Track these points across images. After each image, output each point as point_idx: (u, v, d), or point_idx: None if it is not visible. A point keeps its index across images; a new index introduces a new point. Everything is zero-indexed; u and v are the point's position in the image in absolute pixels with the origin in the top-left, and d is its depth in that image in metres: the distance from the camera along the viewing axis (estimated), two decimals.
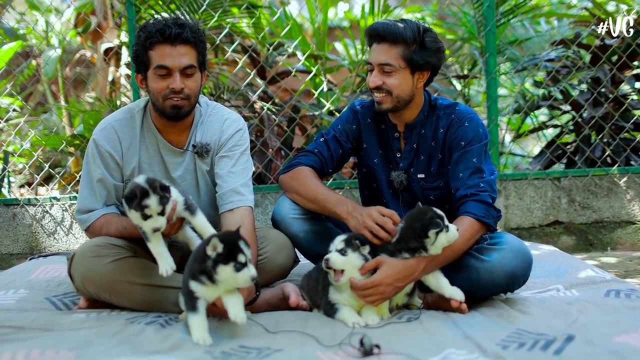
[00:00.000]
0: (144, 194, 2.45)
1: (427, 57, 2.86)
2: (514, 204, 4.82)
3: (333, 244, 2.56)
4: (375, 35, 2.86)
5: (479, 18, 4.97)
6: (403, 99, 2.87)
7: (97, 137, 2.92)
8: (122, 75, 7.26)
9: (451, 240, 2.56)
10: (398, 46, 2.82)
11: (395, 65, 2.82)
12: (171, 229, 2.66)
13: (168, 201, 2.51)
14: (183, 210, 2.63)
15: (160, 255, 2.56)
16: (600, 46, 5.10)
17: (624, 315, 2.41)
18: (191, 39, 2.78)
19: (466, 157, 2.84)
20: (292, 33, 5.26)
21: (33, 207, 4.64)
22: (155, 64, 2.77)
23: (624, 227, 4.83)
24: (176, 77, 2.76)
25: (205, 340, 2.28)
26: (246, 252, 2.28)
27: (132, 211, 2.49)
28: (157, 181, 2.51)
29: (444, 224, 2.53)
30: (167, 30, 2.73)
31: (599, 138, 5.03)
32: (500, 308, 2.64)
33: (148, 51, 2.78)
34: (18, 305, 2.83)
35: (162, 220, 2.50)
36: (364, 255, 2.53)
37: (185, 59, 2.77)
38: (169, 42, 2.75)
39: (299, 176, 2.96)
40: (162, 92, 2.78)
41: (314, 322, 2.52)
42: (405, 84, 2.85)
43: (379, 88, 2.84)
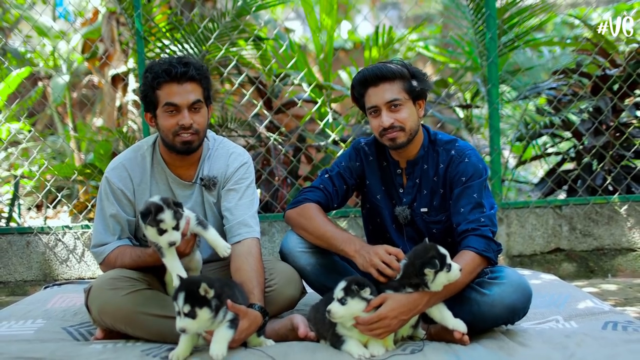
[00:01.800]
0: (159, 209, 2.61)
1: (422, 85, 2.98)
2: (515, 231, 4.91)
3: (335, 291, 2.62)
4: (372, 79, 2.95)
5: (481, 49, 5.09)
6: (414, 130, 2.98)
7: (109, 176, 3.04)
8: (129, 102, 7.40)
9: (452, 279, 2.64)
10: (396, 82, 2.93)
11: (401, 98, 2.92)
12: (186, 246, 2.80)
13: (182, 216, 2.66)
14: (196, 226, 2.78)
15: (174, 269, 2.70)
16: (601, 76, 5.21)
17: (620, 349, 2.49)
18: (196, 76, 2.90)
19: (467, 193, 2.93)
20: (297, 64, 5.39)
21: (46, 235, 4.76)
22: (164, 102, 2.89)
23: (625, 254, 4.92)
24: (184, 114, 2.88)
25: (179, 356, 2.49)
26: (180, 304, 2.40)
27: (148, 227, 2.64)
28: (170, 198, 2.67)
29: (445, 264, 2.61)
30: (172, 69, 2.85)
31: (599, 167, 5.13)
32: (500, 340, 2.72)
33: (156, 90, 2.90)
34: (37, 336, 2.94)
35: (177, 234, 2.64)
36: (365, 298, 2.60)
37: (192, 96, 2.89)
38: (176, 81, 2.87)
39: (306, 213, 3.06)
40: (171, 128, 2.90)
41: (321, 353, 2.61)
42: (412, 115, 2.96)
43: (392, 126, 2.93)
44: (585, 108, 5.28)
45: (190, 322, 2.40)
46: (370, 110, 2.99)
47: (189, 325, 2.41)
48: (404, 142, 2.97)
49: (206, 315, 2.41)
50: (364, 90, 3.00)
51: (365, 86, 2.99)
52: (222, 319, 2.45)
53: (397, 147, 2.99)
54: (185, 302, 2.39)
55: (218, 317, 2.44)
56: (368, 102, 2.99)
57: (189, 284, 2.44)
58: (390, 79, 2.94)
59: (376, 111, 2.97)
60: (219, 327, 2.46)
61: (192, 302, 2.39)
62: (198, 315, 2.39)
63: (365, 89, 2.99)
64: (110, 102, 7.73)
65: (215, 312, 2.42)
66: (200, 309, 2.40)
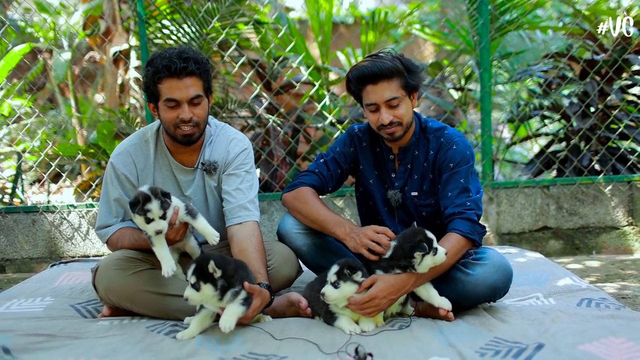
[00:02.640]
0: (146, 199, 2.77)
1: (417, 79, 3.11)
2: (505, 210, 5.09)
3: (328, 275, 2.80)
4: (370, 77, 3.04)
5: (474, 34, 5.21)
6: (409, 123, 3.12)
7: (114, 161, 3.20)
8: (130, 79, 7.51)
9: (437, 262, 2.80)
10: (394, 79, 3.03)
11: (399, 96, 3.04)
12: (176, 234, 2.97)
13: (169, 206, 2.82)
14: (185, 215, 2.93)
15: (163, 258, 2.87)
16: (588, 61, 5.36)
17: (591, 325, 2.67)
18: (196, 71, 3.00)
19: (454, 178, 3.09)
20: (296, 47, 5.51)
21: (51, 214, 4.92)
22: (165, 96, 3.00)
23: (609, 232, 5.11)
24: (184, 108, 3.00)
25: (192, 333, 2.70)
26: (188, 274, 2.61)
27: (136, 215, 2.81)
28: (158, 189, 2.83)
29: (431, 248, 2.77)
30: (172, 65, 2.94)
31: (586, 149, 5.29)
32: (482, 317, 2.91)
33: (157, 84, 3.00)
34: (46, 313, 3.11)
35: (163, 223, 2.81)
36: (356, 281, 2.77)
37: (192, 90, 3.00)
38: (175, 76, 2.97)
39: (301, 196, 3.22)
40: (172, 121, 3.03)
41: (315, 329, 2.79)
42: (409, 110, 3.10)
43: (391, 123, 3.05)
44: (574, 92, 5.42)
45: (193, 293, 2.59)
46: (369, 106, 3.09)
47: (191, 296, 2.60)
48: (401, 135, 3.12)
49: (209, 291, 2.59)
50: (362, 86, 3.09)
51: (363, 83, 3.08)
52: (231, 298, 2.61)
53: (394, 140, 3.14)
54: (192, 274, 2.59)
55: (226, 297, 2.61)
56: (367, 99, 3.09)
57: (202, 259, 2.63)
58: (388, 77, 3.03)
59: (376, 109, 3.08)
60: (231, 304, 2.63)
61: (198, 275, 2.59)
62: (202, 289, 2.58)
63: (363, 86, 3.09)
64: (112, 80, 7.83)
65: (222, 292, 2.59)
66: (205, 284, 2.58)
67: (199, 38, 5.05)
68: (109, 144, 5.26)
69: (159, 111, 3.08)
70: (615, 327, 2.59)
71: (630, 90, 5.55)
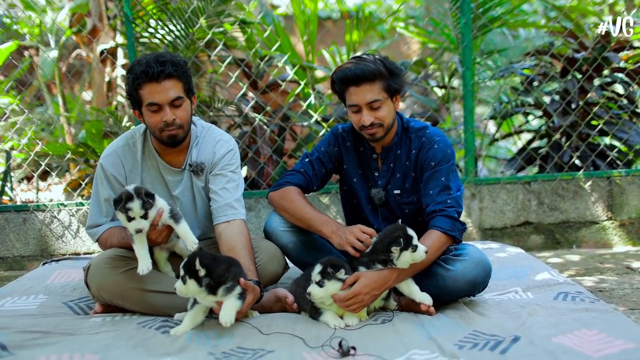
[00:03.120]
0: (129, 198, 2.88)
1: (400, 82, 3.19)
2: (487, 206, 5.21)
3: (312, 273, 2.89)
4: (353, 79, 3.12)
5: (457, 33, 5.32)
6: (391, 124, 3.21)
7: (103, 162, 3.28)
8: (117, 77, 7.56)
9: (417, 260, 2.90)
10: (376, 82, 3.11)
11: (381, 99, 3.12)
12: (158, 235, 3.06)
13: (151, 206, 2.92)
14: (168, 218, 3.03)
15: (141, 257, 2.98)
16: (569, 59, 5.48)
17: (566, 318, 2.78)
18: (174, 73, 3.06)
19: (435, 176, 3.18)
20: (282, 47, 5.60)
21: (42, 213, 4.99)
22: (146, 101, 3.07)
23: (588, 227, 5.23)
24: (166, 110, 3.07)
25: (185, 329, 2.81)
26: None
27: (118, 212, 2.92)
28: (143, 189, 2.93)
29: (409, 244, 2.87)
30: (149, 70, 3.01)
31: (566, 145, 5.42)
32: (462, 310, 3.02)
33: (138, 91, 3.07)
34: (40, 311, 3.19)
35: (144, 222, 2.92)
36: (340, 279, 2.87)
37: (172, 92, 3.06)
38: (154, 80, 3.03)
39: (287, 195, 3.31)
40: (157, 125, 3.11)
41: (301, 324, 2.89)
42: (390, 112, 3.18)
43: (372, 124, 3.14)
44: (555, 89, 5.54)
45: (180, 285, 2.72)
46: (352, 107, 3.18)
47: (179, 288, 2.73)
48: (382, 136, 3.20)
49: (193, 287, 2.70)
50: (345, 87, 3.17)
51: (346, 84, 3.16)
52: (224, 293, 2.71)
53: (375, 140, 3.23)
54: (182, 267, 2.71)
55: (220, 292, 2.70)
56: (349, 100, 3.18)
57: (194, 255, 2.72)
58: (371, 79, 3.11)
59: (357, 110, 3.17)
60: (228, 298, 2.73)
61: (186, 270, 2.70)
62: (187, 283, 2.70)
63: (346, 87, 3.17)
64: (99, 78, 7.87)
65: (208, 289, 2.69)
66: (190, 279, 2.69)
67: (185, 37, 5.12)
68: (98, 143, 5.32)
69: (144, 116, 3.15)
70: (588, 320, 2.71)
71: (609, 87, 5.67)
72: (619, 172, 5.25)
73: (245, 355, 2.53)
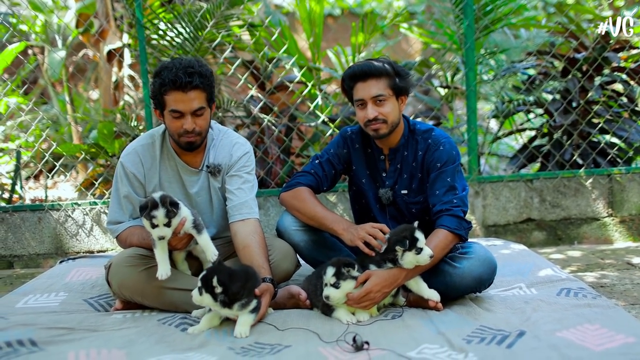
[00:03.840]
0: (154, 206, 2.99)
1: (406, 83, 3.34)
2: (491, 203, 5.33)
3: (325, 276, 3.01)
4: (360, 75, 3.29)
5: (459, 35, 5.43)
6: (395, 122, 3.33)
7: (123, 161, 3.40)
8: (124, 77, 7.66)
9: (421, 262, 3.01)
10: (382, 79, 3.28)
11: (385, 94, 3.27)
12: (178, 242, 3.19)
13: (174, 215, 3.03)
14: (191, 228, 3.15)
15: (160, 262, 3.11)
16: (570, 59, 5.59)
17: (569, 313, 2.90)
18: (200, 85, 3.17)
19: (442, 177, 3.30)
20: (289, 49, 5.71)
21: (56, 212, 5.11)
22: (170, 107, 3.19)
23: (589, 223, 5.35)
24: (188, 119, 3.19)
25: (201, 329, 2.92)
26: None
27: (143, 219, 3.04)
28: (169, 197, 3.04)
29: (413, 246, 2.97)
30: (178, 80, 3.11)
31: (568, 143, 5.53)
32: (469, 306, 3.14)
33: (163, 95, 3.19)
34: (62, 308, 3.32)
35: (166, 230, 3.03)
36: (353, 277, 3.00)
37: (196, 103, 3.18)
38: (181, 89, 3.14)
39: (298, 196, 3.44)
40: (177, 130, 3.23)
41: (315, 320, 3.02)
42: (395, 109, 3.31)
43: (375, 119, 3.27)
44: (556, 88, 5.65)
45: (197, 295, 2.84)
46: (358, 102, 3.33)
47: (195, 297, 2.85)
48: (386, 133, 3.33)
49: (209, 300, 2.83)
50: (353, 84, 3.34)
51: (354, 80, 3.33)
52: (239, 308, 2.84)
53: (379, 137, 3.35)
54: (200, 279, 2.83)
55: (235, 307, 2.83)
56: (356, 95, 3.33)
57: (212, 270, 2.84)
58: (377, 76, 3.28)
59: (363, 104, 3.31)
60: (242, 313, 2.86)
61: (203, 283, 2.82)
62: (203, 295, 2.82)
63: (354, 83, 3.33)
64: (106, 78, 7.97)
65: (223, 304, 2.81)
66: (206, 293, 2.82)
67: (194, 40, 5.22)
68: (110, 143, 5.44)
69: (164, 119, 3.28)
70: (590, 315, 2.83)
71: (609, 86, 5.78)
72: (619, 170, 5.36)
73: (263, 350, 2.65)
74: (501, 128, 6.44)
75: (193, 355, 2.59)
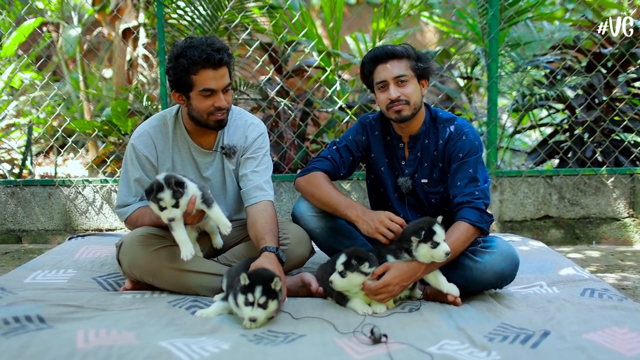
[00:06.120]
0: (159, 188, 2.91)
1: (426, 66, 3.27)
2: (508, 198, 5.22)
3: (337, 262, 2.93)
4: (382, 57, 3.23)
5: (483, 25, 5.31)
6: (418, 105, 3.25)
7: (135, 142, 3.30)
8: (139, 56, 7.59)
9: (436, 258, 2.90)
10: (403, 60, 3.22)
11: (408, 75, 3.21)
12: (193, 219, 3.11)
13: (181, 195, 2.94)
14: (201, 204, 3.06)
15: (182, 242, 3.01)
16: (595, 54, 5.47)
17: (594, 314, 2.79)
18: (228, 60, 3.12)
19: (463, 168, 3.21)
20: (308, 33, 5.61)
21: (67, 188, 5.04)
22: (201, 87, 3.10)
23: (609, 223, 5.25)
24: (220, 96, 3.13)
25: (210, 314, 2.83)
26: (256, 295, 2.65)
27: (150, 202, 2.95)
28: (173, 178, 2.94)
29: (431, 239, 2.88)
30: (210, 57, 3.04)
31: (589, 140, 5.41)
32: (489, 302, 3.05)
33: (191, 75, 3.09)
34: (71, 285, 3.26)
35: (175, 211, 2.95)
36: (363, 272, 2.90)
37: (226, 79, 3.14)
38: (212, 67, 3.07)
39: (314, 180, 3.34)
40: (207, 109, 3.15)
41: (329, 309, 2.94)
42: (417, 91, 3.24)
43: (398, 99, 3.19)
44: (579, 84, 5.53)
45: (261, 311, 2.68)
46: (379, 85, 3.25)
47: (260, 315, 2.68)
48: (409, 115, 3.23)
49: (274, 307, 2.71)
50: (374, 67, 3.26)
51: (375, 63, 3.26)
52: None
53: (402, 119, 3.25)
54: (261, 294, 2.67)
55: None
56: (377, 77, 3.25)
57: (264, 278, 2.70)
58: (398, 57, 3.22)
59: (385, 85, 3.23)
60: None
61: (267, 294, 2.68)
62: (269, 306, 2.68)
63: (375, 66, 3.26)
64: (121, 56, 7.90)
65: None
66: (272, 300, 2.69)
67: (213, 21, 5.13)
68: (123, 121, 5.36)
69: (191, 100, 3.17)
70: (618, 318, 2.72)
71: (635, 83, 5.65)
72: None
73: (277, 338, 2.56)
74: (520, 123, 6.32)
75: (205, 340, 2.50)
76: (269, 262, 2.91)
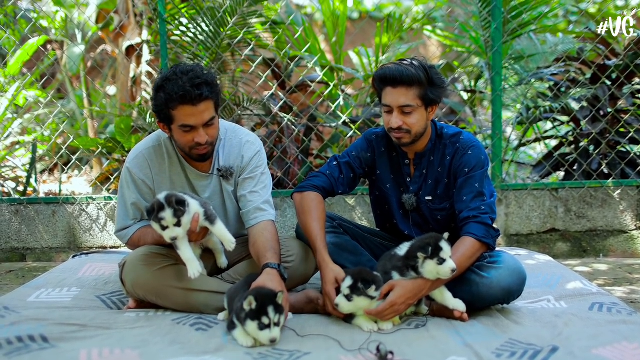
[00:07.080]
0: (160, 207, 2.87)
1: (438, 93, 3.17)
2: (514, 212, 5.19)
3: (342, 285, 2.90)
4: (391, 80, 3.11)
5: (486, 38, 5.30)
6: (420, 133, 3.19)
7: (130, 166, 3.25)
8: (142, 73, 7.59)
9: (442, 275, 2.87)
10: (413, 88, 3.09)
11: (414, 105, 3.10)
12: (197, 237, 3.08)
13: (183, 214, 2.90)
14: (204, 221, 3.03)
15: (188, 261, 2.97)
16: (600, 65, 5.45)
17: (603, 329, 2.76)
18: (209, 95, 2.98)
19: (469, 182, 3.17)
20: (311, 49, 5.61)
21: (71, 206, 5.03)
22: (180, 123, 3.00)
23: (616, 236, 5.20)
24: (200, 132, 3.02)
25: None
26: (271, 316, 2.60)
27: (152, 222, 2.92)
28: (174, 197, 2.89)
29: (437, 255, 2.85)
30: (187, 95, 2.91)
31: (595, 153, 5.38)
32: (496, 318, 3.01)
33: (170, 110, 2.99)
34: (74, 304, 3.23)
35: (178, 230, 2.91)
36: (370, 296, 2.86)
37: (207, 114, 3.01)
38: (190, 103, 2.94)
39: (305, 203, 3.27)
40: (188, 144, 3.07)
41: (334, 326, 2.90)
42: (422, 120, 3.16)
43: (399, 128, 3.13)
44: (584, 96, 5.51)
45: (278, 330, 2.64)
46: (385, 106, 3.18)
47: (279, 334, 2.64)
48: (408, 142, 3.19)
49: (283, 321, 2.68)
50: (383, 86, 3.16)
51: (384, 83, 3.15)
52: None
53: (401, 145, 3.23)
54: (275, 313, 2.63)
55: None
56: (384, 99, 3.17)
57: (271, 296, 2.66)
58: (408, 84, 3.09)
59: (389, 110, 3.16)
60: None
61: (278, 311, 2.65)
62: (280, 322, 2.65)
63: (384, 86, 3.16)
64: (125, 73, 7.92)
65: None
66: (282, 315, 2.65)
67: (215, 36, 5.13)
68: (127, 138, 5.35)
69: (173, 133, 3.10)
70: (628, 333, 2.69)
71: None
72: None
73: (282, 356, 2.54)
74: (525, 135, 6.30)
75: (210, 359, 2.47)
76: (271, 279, 2.87)
